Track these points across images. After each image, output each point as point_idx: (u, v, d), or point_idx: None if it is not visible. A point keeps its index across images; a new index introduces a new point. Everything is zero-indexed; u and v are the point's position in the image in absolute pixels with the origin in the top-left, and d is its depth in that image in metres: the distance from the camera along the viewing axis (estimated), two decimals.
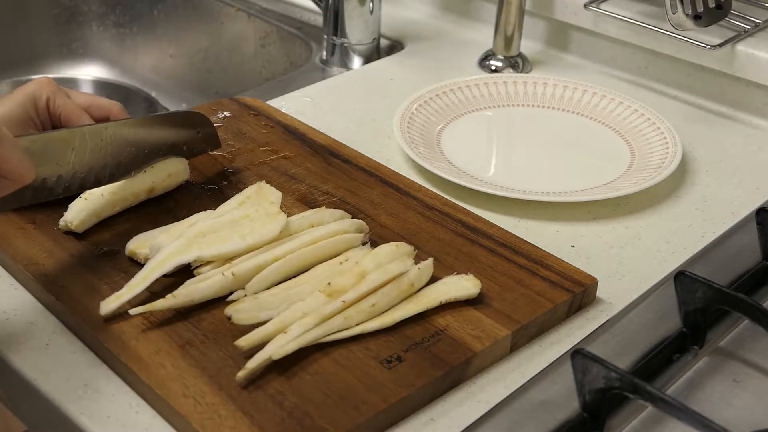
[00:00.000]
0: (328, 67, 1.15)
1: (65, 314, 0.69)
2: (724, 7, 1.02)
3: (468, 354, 0.65)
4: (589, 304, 0.74)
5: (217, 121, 0.94)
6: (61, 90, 0.78)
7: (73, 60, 1.49)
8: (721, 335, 0.70)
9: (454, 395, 0.65)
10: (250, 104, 0.97)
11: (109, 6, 1.47)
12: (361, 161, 0.88)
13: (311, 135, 0.92)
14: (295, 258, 0.71)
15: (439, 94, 1.01)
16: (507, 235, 0.78)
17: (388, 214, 0.80)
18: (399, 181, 0.85)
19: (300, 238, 0.73)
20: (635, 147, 0.95)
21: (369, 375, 0.63)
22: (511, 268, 0.74)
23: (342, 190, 0.83)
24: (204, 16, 1.38)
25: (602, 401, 0.60)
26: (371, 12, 1.13)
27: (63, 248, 0.74)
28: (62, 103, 0.77)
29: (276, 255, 0.71)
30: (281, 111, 0.97)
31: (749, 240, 0.79)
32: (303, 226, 0.75)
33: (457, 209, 0.81)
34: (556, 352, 0.69)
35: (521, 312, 0.69)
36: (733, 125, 1.03)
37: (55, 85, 0.77)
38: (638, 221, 0.86)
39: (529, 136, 1.00)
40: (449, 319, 0.68)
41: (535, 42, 1.18)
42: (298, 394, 0.61)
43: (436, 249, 0.76)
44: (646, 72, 1.11)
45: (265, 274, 0.70)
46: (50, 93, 0.77)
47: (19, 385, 0.66)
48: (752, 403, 0.65)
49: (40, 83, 0.77)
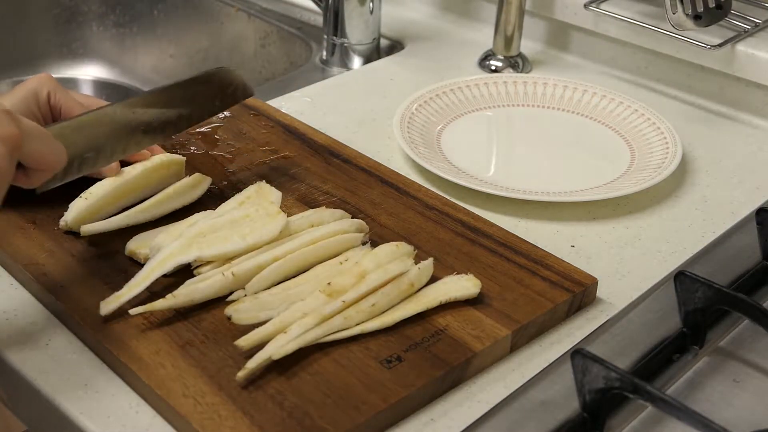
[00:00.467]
0: (328, 67, 1.15)
1: (65, 314, 0.69)
2: (724, 7, 1.02)
3: (468, 354, 0.65)
4: (589, 303, 0.74)
5: (217, 121, 0.94)
6: (61, 86, 0.79)
7: (73, 60, 1.49)
8: (721, 335, 0.70)
9: (454, 395, 0.65)
10: (250, 104, 0.97)
11: (109, 6, 1.47)
12: (361, 161, 0.88)
13: (311, 135, 0.92)
14: (295, 258, 0.71)
15: (439, 94, 1.01)
16: (507, 235, 0.78)
17: (388, 214, 0.80)
18: (399, 181, 0.85)
19: (300, 238, 0.73)
20: (635, 147, 0.95)
21: (369, 375, 0.63)
22: (511, 267, 0.74)
23: (342, 190, 0.83)
24: (204, 16, 1.38)
25: (602, 401, 0.60)
26: (371, 12, 1.13)
27: (63, 248, 0.74)
28: (63, 97, 0.78)
29: (276, 255, 0.71)
30: (281, 111, 0.97)
31: (749, 240, 0.79)
32: (303, 226, 0.75)
33: (457, 209, 0.81)
34: (556, 352, 0.69)
35: (521, 312, 0.69)
36: (733, 125, 1.03)
37: (56, 81, 0.79)
38: (638, 221, 0.86)
39: (529, 136, 1.00)
40: (449, 319, 0.68)
41: (535, 42, 1.18)
42: (298, 394, 0.61)
43: (436, 249, 0.76)
44: (646, 72, 1.11)
45: (265, 274, 0.70)
46: (51, 88, 0.78)
47: (19, 385, 0.66)
48: (752, 403, 0.65)
49: (40, 79, 0.78)
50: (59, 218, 0.76)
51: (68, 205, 0.76)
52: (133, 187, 0.79)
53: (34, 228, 0.77)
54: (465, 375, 0.66)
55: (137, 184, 0.79)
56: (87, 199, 0.76)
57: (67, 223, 0.75)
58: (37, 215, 0.78)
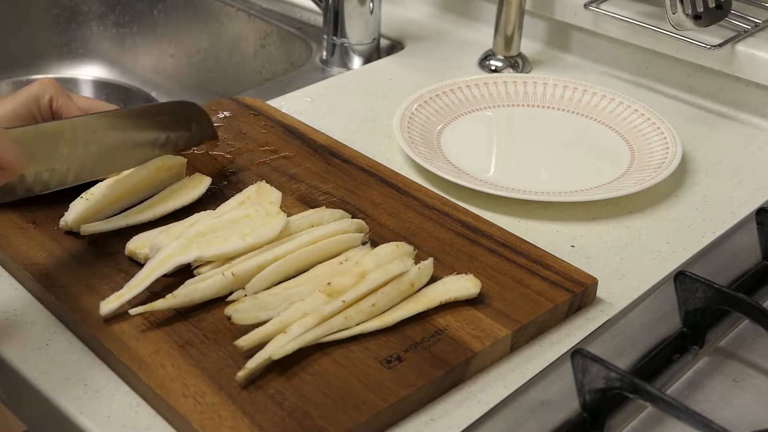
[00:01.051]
0: (328, 67, 1.15)
1: (65, 314, 0.69)
2: (724, 7, 1.02)
3: (468, 354, 0.65)
4: (589, 303, 0.74)
5: (217, 120, 0.93)
6: (64, 91, 0.79)
7: (73, 60, 1.49)
8: (721, 335, 0.70)
9: (454, 395, 0.65)
10: (250, 104, 0.97)
11: (109, 6, 1.47)
12: (361, 161, 0.88)
13: (311, 135, 0.92)
14: (295, 258, 0.71)
15: (439, 94, 1.01)
16: (507, 235, 0.78)
17: (388, 214, 0.80)
18: (399, 181, 0.85)
19: (300, 238, 0.73)
20: (635, 147, 0.95)
21: (369, 375, 0.63)
22: (511, 267, 0.74)
23: (342, 190, 0.83)
24: (204, 16, 1.38)
25: (602, 401, 0.60)
26: (371, 12, 1.13)
27: (63, 248, 0.74)
28: (64, 103, 0.78)
29: (276, 255, 0.71)
30: (281, 111, 0.97)
31: (749, 240, 0.79)
32: (303, 226, 0.75)
33: (457, 209, 0.82)
34: (556, 352, 0.69)
35: (521, 312, 0.69)
36: (733, 125, 1.03)
37: (59, 86, 0.79)
38: (638, 221, 0.86)
39: (529, 136, 1.00)
40: (449, 319, 0.68)
41: (535, 42, 1.18)
42: (298, 394, 0.61)
43: (436, 249, 0.76)
44: (646, 72, 1.11)
45: (265, 274, 0.70)
46: (53, 93, 0.78)
47: (19, 385, 0.66)
48: (752, 403, 0.65)
49: (43, 84, 0.78)
50: (59, 218, 0.76)
51: (68, 205, 0.76)
52: (134, 188, 0.79)
53: (34, 228, 0.77)
54: (465, 375, 0.66)
55: (138, 184, 0.79)
56: (88, 199, 0.76)
57: (68, 223, 0.75)
58: (37, 215, 0.78)
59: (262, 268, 0.70)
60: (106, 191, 0.77)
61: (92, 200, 0.76)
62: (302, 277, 0.71)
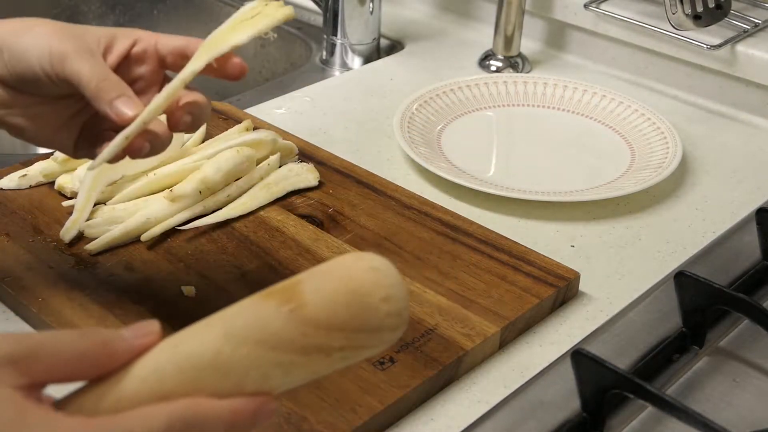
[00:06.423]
0: (328, 67, 1.15)
1: (45, 327, 0.67)
2: (724, 7, 1.02)
3: (459, 352, 0.65)
4: (572, 297, 0.74)
5: None
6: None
7: None
8: (721, 335, 0.70)
9: (454, 395, 0.65)
10: (219, 108, 0.94)
11: (109, 6, 1.47)
12: (335, 162, 0.87)
13: (283, 138, 0.88)
14: (160, 179, 0.79)
15: (439, 94, 1.01)
16: (487, 233, 0.78)
17: (367, 215, 0.80)
18: (375, 182, 0.85)
19: (202, 152, 0.81)
20: (635, 147, 0.95)
21: (363, 377, 0.63)
22: (494, 265, 0.74)
23: (318, 192, 0.83)
24: (204, 16, 1.38)
25: (602, 401, 0.60)
26: (371, 12, 1.13)
27: (40, 260, 0.73)
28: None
29: (195, 159, 0.80)
30: (247, 113, 0.95)
31: (749, 240, 0.79)
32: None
33: (435, 208, 0.81)
34: (556, 352, 0.69)
35: (508, 308, 0.70)
36: (733, 125, 1.03)
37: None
38: (638, 221, 0.85)
39: (529, 136, 1.00)
40: (437, 318, 0.68)
41: (535, 42, 1.18)
42: (293, 400, 0.61)
43: (418, 248, 0.76)
44: (646, 72, 1.11)
45: (127, 191, 0.77)
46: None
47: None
48: (752, 403, 0.65)
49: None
50: (32, 231, 0.75)
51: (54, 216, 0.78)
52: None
53: (8, 241, 0.75)
54: (458, 373, 0.66)
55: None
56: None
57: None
58: (10, 227, 0.76)
59: (185, 173, 0.79)
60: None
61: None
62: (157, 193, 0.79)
